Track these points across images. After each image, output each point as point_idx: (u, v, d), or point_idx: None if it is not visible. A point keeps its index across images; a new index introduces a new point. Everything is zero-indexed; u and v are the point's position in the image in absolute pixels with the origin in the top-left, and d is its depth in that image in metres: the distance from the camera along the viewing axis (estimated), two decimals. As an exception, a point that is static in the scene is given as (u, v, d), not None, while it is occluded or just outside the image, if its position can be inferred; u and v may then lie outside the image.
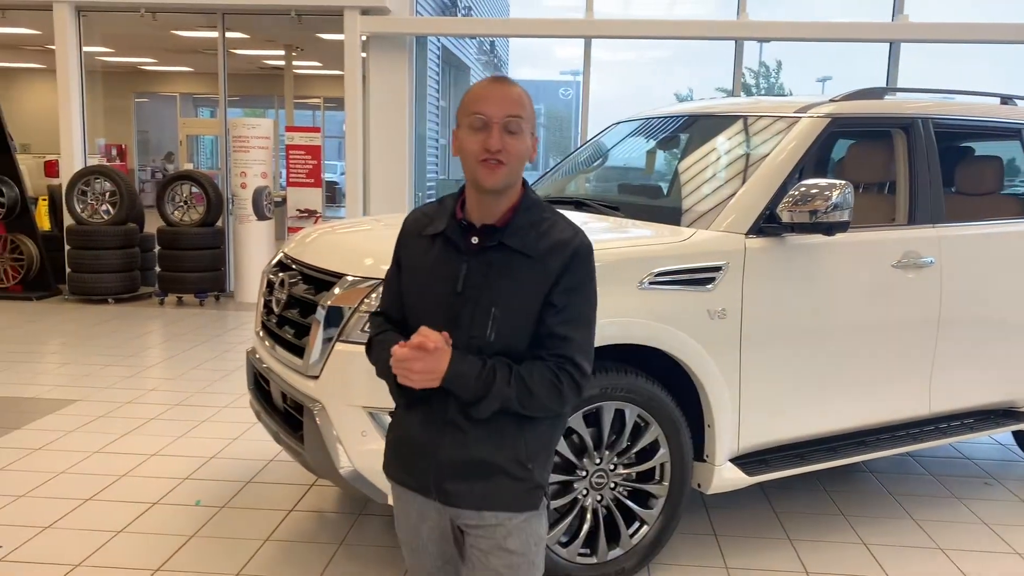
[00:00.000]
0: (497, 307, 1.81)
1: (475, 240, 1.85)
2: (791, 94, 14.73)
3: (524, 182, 1.91)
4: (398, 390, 1.88)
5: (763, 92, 25.02)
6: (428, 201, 1.97)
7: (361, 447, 2.94)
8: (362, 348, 2.85)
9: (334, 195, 17.15)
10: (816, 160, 5.03)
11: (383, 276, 2.93)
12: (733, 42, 8.97)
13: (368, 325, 2.07)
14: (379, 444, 2.89)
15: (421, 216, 1.98)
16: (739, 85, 9.04)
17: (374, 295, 2.96)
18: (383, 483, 2.93)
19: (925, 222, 3.81)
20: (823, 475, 4.36)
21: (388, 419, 2.10)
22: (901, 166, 3.88)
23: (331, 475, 3.06)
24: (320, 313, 3.07)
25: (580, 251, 1.85)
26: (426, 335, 1.74)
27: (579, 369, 1.83)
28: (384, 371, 1.87)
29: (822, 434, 3.64)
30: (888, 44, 8.92)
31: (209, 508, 3.80)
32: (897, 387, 3.75)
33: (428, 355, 1.73)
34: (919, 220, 3.81)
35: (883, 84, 9.01)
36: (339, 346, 3.01)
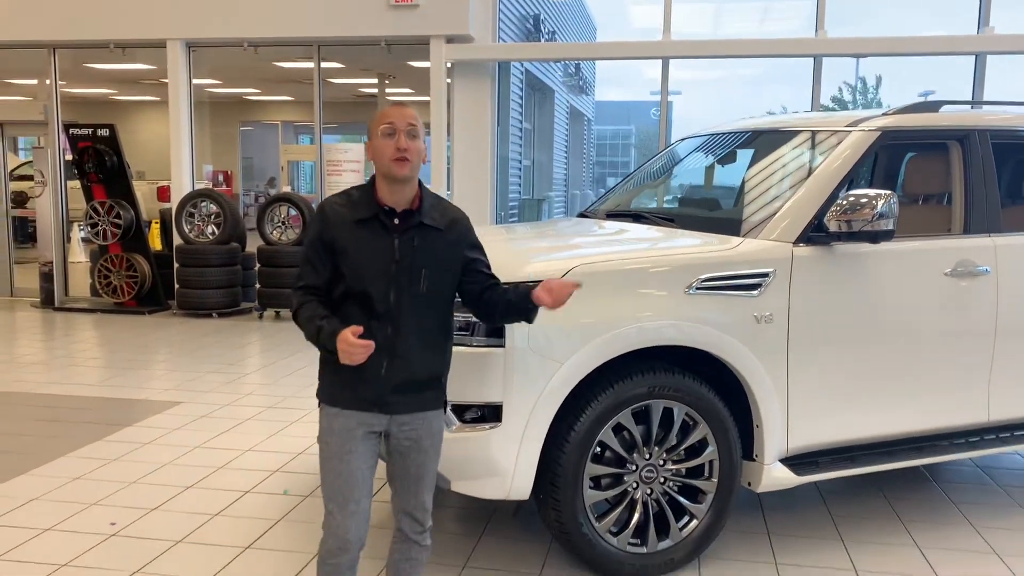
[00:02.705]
0: (426, 267, 2.49)
1: (397, 221, 2.48)
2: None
3: (419, 180, 2.55)
4: (330, 353, 2.44)
5: (860, 107, 24.53)
6: (331, 197, 2.58)
7: (427, 437, 3.21)
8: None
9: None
10: (884, 172, 5.11)
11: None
12: (812, 59, 9.01)
13: (295, 297, 2.54)
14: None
15: (340, 208, 2.51)
16: (818, 102, 9.05)
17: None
18: (447, 470, 3.21)
19: (981, 232, 3.87)
20: (885, 481, 4.41)
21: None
22: (957, 177, 3.95)
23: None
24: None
25: (468, 222, 2.64)
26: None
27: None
28: (311, 340, 2.45)
29: (874, 438, 3.73)
30: (974, 57, 8.79)
31: (295, 497, 4.16)
32: (952, 394, 3.80)
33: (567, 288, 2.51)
34: (974, 230, 3.86)
35: (970, 96, 8.88)
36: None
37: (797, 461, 3.60)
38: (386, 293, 2.46)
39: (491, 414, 3.15)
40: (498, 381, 3.12)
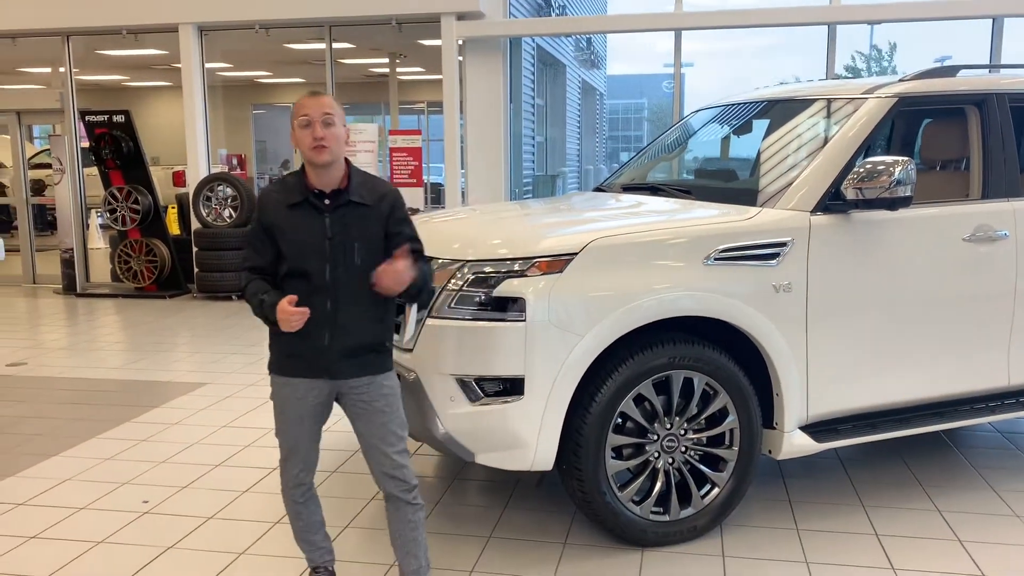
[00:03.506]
0: (358, 241, 2.68)
1: (327, 202, 2.68)
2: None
3: (346, 159, 2.73)
4: (273, 324, 2.66)
5: (874, 75, 24.21)
6: (269, 185, 2.84)
7: (450, 410, 3.26)
8: (451, 322, 3.25)
9: (439, 196, 17.65)
10: (900, 139, 5.09)
11: (468, 257, 3.28)
12: (825, 28, 8.93)
13: (242, 279, 2.77)
14: (466, 408, 3.22)
15: (274, 194, 2.73)
16: (832, 70, 8.97)
17: (459, 274, 3.28)
18: (471, 443, 3.27)
19: (999, 196, 3.86)
20: (905, 448, 4.44)
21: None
22: (975, 142, 3.93)
23: (425, 437, 3.40)
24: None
25: (397, 196, 2.79)
26: (400, 254, 2.59)
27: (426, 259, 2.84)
28: (257, 314, 2.68)
29: (894, 404, 3.75)
30: (991, 20, 8.68)
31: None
32: (971, 359, 3.80)
33: (402, 265, 2.57)
34: (993, 194, 3.86)
35: (987, 60, 8.77)
36: (430, 321, 3.32)
37: (817, 428, 3.62)
38: (322, 269, 2.65)
39: (513, 387, 3.19)
40: (519, 355, 3.15)
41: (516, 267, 3.23)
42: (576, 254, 3.21)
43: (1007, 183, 3.87)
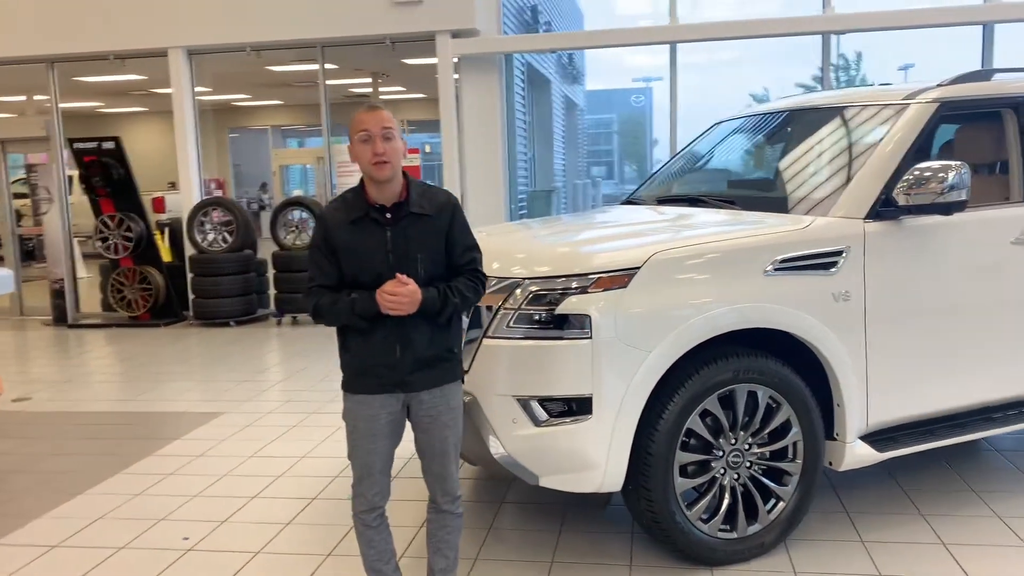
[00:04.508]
0: (421, 253, 2.68)
1: (389, 215, 2.67)
2: (874, 85, 14.43)
3: (404, 170, 2.73)
4: (366, 322, 2.64)
5: (843, 85, 24.52)
6: (330, 204, 2.80)
7: (513, 432, 3.17)
8: (511, 342, 3.16)
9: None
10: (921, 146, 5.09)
11: (515, 276, 3.22)
12: (820, 36, 9.00)
13: (310, 297, 2.73)
14: (530, 430, 3.14)
15: (335, 212, 2.72)
16: (828, 79, 9.04)
17: (516, 293, 3.20)
18: (535, 466, 3.18)
19: (1042, 198, 3.86)
20: (947, 454, 4.41)
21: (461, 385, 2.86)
22: (1013, 145, 3.93)
23: (485, 460, 3.31)
24: (464, 317, 3.33)
25: (456, 204, 2.78)
26: (402, 279, 2.57)
27: (481, 271, 2.80)
28: (346, 317, 2.64)
29: (949, 411, 3.72)
30: (981, 27, 8.80)
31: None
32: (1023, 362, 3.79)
33: (408, 290, 2.56)
34: (1035, 196, 3.86)
35: (975, 68, 8.87)
36: (487, 341, 3.25)
37: (876, 438, 3.58)
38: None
39: (580, 407, 3.11)
40: (586, 373, 3.08)
41: (575, 284, 3.16)
42: (639, 268, 3.15)
43: (1048, 185, 3.87)
